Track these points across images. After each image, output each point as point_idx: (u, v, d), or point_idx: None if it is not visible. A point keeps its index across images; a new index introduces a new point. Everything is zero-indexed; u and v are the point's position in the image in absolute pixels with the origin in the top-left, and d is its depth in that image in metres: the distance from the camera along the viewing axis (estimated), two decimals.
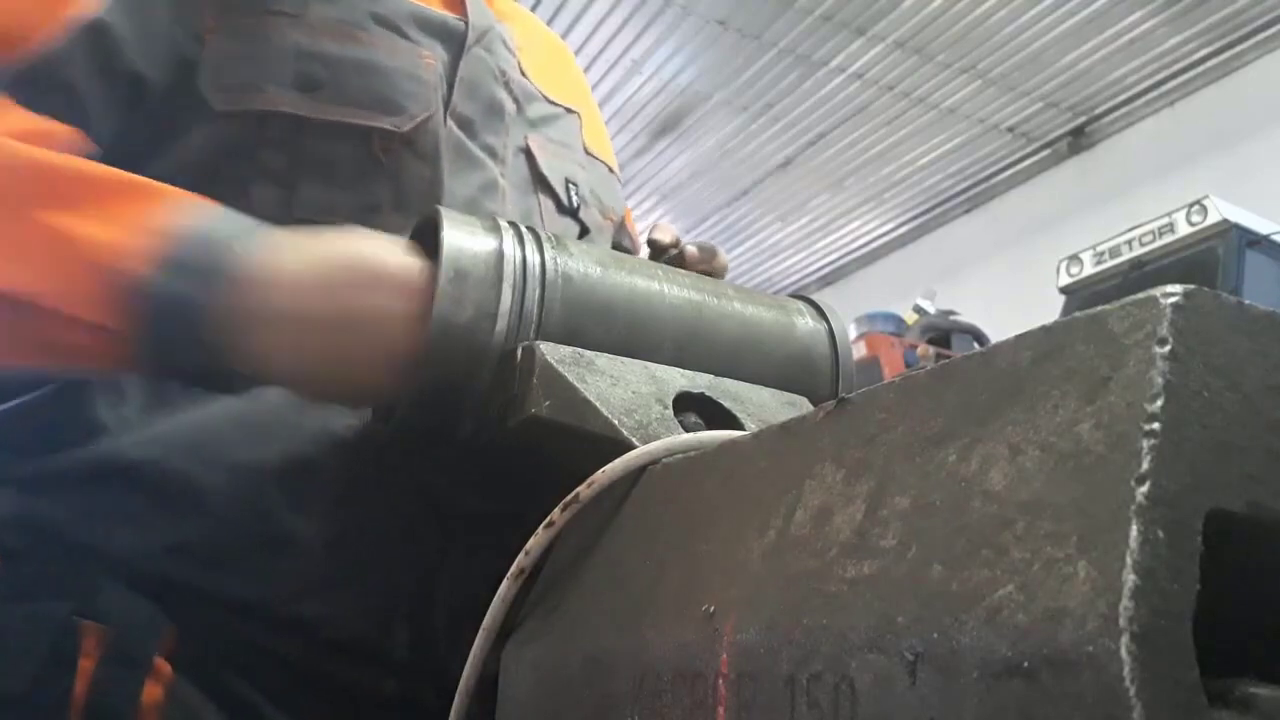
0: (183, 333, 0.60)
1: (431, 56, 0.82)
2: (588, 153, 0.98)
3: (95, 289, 0.59)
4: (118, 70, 0.72)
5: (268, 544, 0.68)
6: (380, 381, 0.63)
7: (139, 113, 0.74)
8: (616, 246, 1.03)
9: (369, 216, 0.73)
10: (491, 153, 0.84)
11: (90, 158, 0.67)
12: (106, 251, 0.60)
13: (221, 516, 0.68)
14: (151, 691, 0.65)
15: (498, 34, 0.89)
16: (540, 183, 0.88)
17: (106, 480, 0.69)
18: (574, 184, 0.92)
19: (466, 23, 0.86)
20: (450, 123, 0.81)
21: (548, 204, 0.89)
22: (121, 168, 0.65)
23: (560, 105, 0.95)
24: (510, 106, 0.88)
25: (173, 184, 0.65)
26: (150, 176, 0.65)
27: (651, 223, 1.02)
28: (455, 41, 0.84)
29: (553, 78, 0.97)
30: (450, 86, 0.82)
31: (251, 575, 0.68)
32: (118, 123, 0.73)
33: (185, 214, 0.63)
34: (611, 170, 1.03)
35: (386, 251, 0.63)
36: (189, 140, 0.74)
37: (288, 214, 0.71)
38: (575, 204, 0.91)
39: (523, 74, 0.91)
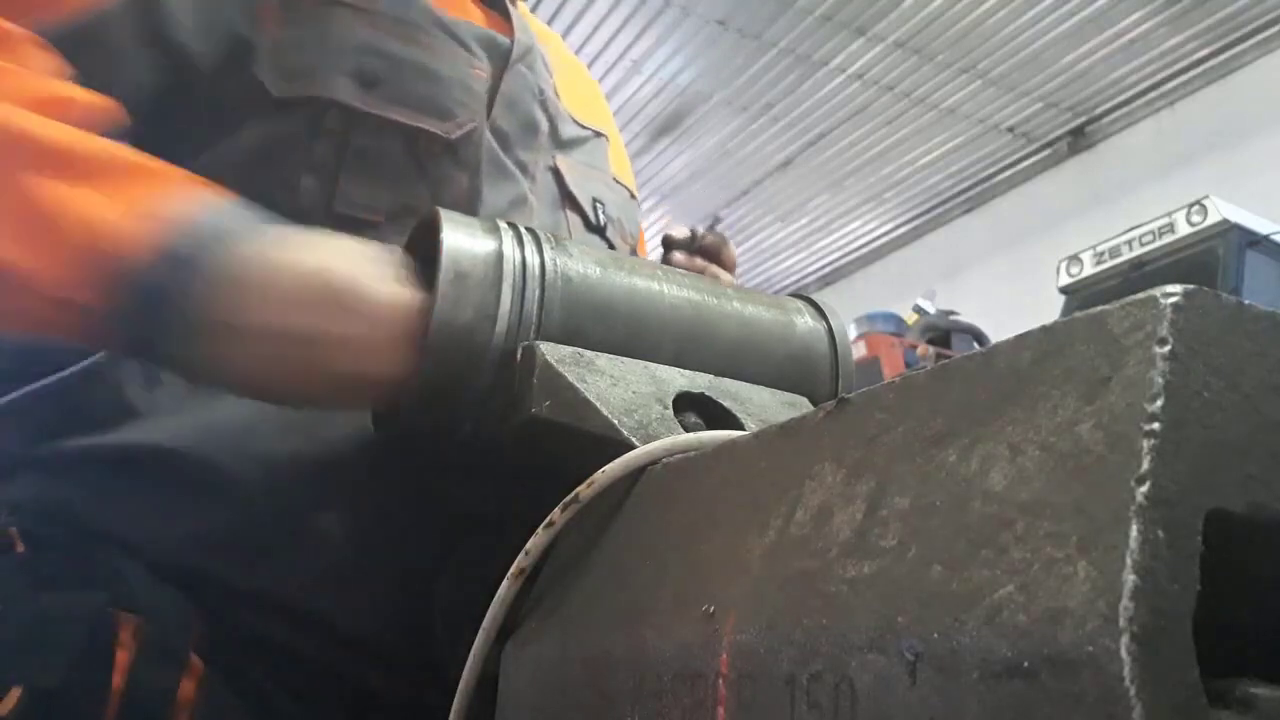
0: (158, 325, 0.57)
1: (482, 69, 0.83)
2: (614, 178, 1.00)
3: (78, 268, 0.56)
4: (165, 40, 0.72)
5: (291, 537, 0.68)
6: (341, 401, 0.63)
7: (191, 98, 0.73)
8: None
9: (407, 218, 0.73)
10: (523, 168, 0.86)
11: (124, 132, 0.63)
12: (99, 230, 0.57)
13: (249, 508, 0.68)
14: (186, 685, 0.64)
15: (539, 53, 0.91)
16: (568, 200, 0.90)
17: (135, 466, 0.68)
18: (601, 203, 0.93)
19: (513, 39, 0.88)
20: (488, 135, 0.82)
21: (575, 220, 0.90)
22: (172, 155, 0.62)
23: (589, 129, 0.97)
24: (544, 125, 0.89)
25: (225, 173, 0.63)
26: (202, 165, 0.63)
27: (652, 223, 1.03)
28: (501, 57, 0.86)
29: (581, 101, 0.99)
30: (491, 100, 0.83)
31: (272, 568, 0.68)
32: (159, 97, 0.71)
33: (190, 202, 0.59)
34: (632, 196, 1.05)
35: (375, 276, 0.60)
36: (244, 130, 0.73)
37: (328, 208, 0.71)
38: (602, 222, 0.93)
39: (556, 95, 0.93)
